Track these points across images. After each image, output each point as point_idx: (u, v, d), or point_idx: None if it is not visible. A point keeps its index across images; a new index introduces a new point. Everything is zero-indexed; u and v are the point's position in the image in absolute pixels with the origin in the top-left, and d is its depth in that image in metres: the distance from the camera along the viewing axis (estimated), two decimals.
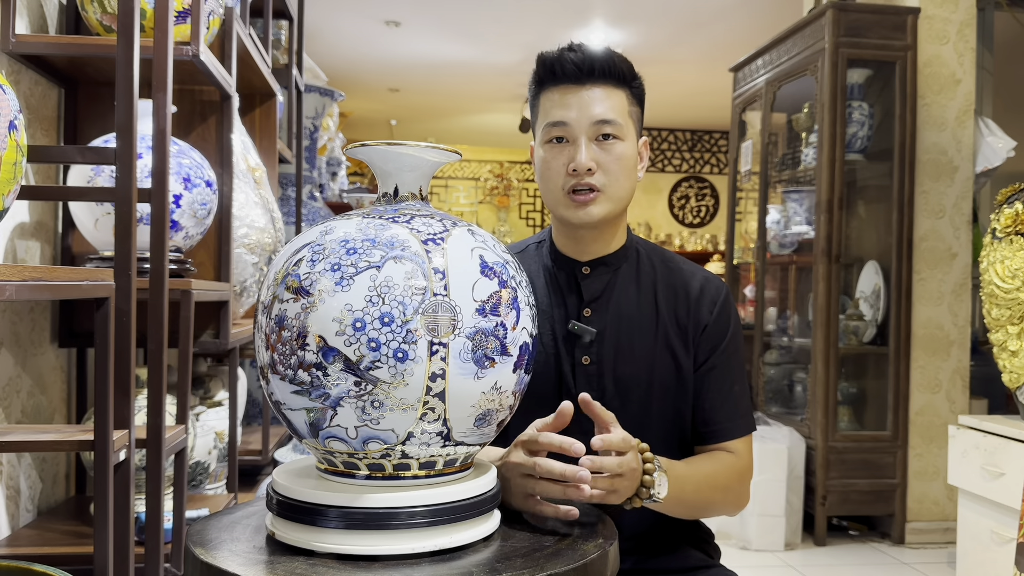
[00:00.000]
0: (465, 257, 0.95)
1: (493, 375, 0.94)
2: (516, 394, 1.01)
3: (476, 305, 0.93)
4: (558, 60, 1.28)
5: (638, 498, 1.13)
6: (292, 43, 3.13)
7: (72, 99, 1.92)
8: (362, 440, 0.93)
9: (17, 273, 1.05)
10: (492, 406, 0.97)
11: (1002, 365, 2.37)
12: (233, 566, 0.91)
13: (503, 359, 0.95)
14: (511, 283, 0.98)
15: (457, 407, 0.93)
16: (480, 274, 0.95)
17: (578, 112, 1.26)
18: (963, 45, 3.52)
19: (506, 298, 0.96)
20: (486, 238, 1.01)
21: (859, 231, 3.80)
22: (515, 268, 1.01)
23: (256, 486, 2.39)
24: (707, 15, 5.39)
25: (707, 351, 1.33)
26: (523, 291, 1.00)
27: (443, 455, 0.97)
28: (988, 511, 2.50)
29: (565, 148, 1.28)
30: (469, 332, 0.92)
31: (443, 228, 0.98)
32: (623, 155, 1.28)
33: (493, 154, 10.06)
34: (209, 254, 2.00)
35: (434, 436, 0.94)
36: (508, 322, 0.95)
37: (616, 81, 1.29)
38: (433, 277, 0.91)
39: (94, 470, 1.31)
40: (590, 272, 1.34)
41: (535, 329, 1.02)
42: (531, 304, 1.01)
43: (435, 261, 0.93)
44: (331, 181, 4.35)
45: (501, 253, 1.01)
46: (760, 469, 3.24)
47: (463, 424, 0.95)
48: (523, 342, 0.98)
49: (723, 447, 1.33)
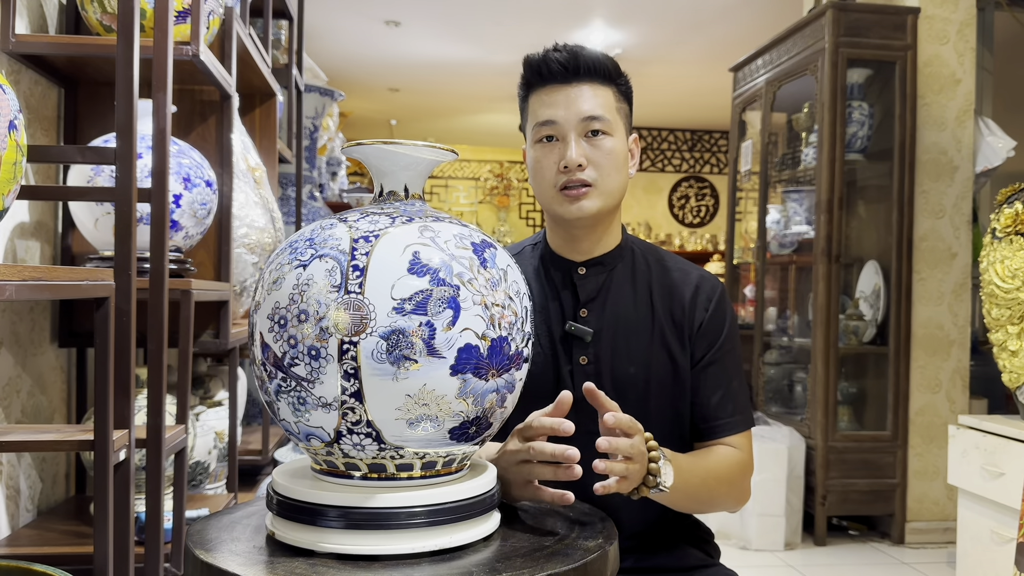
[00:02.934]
0: (393, 254, 0.91)
1: (419, 377, 0.89)
2: (474, 398, 0.94)
3: (394, 304, 0.89)
4: (543, 61, 1.30)
5: (645, 486, 1.12)
6: (292, 43, 3.13)
7: (72, 99, 1.92)
8: (304, 436, 0.96)
9: (17, 273, 1.05)
10: (431, 412, 0.92)
11: (1002, 365, 2.37)
12: (233, 566, 0.91)
13: (430, 360, 0.89)
14: (452, 281, 0.92)
15: (378, 409, 0.90)
16: (407, 272, 0.90)
17: (566, 110, 1.28)
18: (963, 45, 3.52)
19: (437, 297, 0.90)
20: (447, 234, 0.96)
21: (859, 231, 3.80)
22: (472, 267, 0.94)
23: (256, 486, 2.39)
24: (707, 15, 5.39)
25: (704, 348, 1.33)
26: (474, 291, 0.93)
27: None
28: (988, 511, 2.50)
29: (555, 146, 1.29)
30: (383, 331, 0.89)
31: (387, 225, 0.95)
32: (613, 150, 1.29)
33: (493, 154, 10.06)
34: (209, 254, 2.00)
35: (364, 437, 0.92)
36: (439, 322, 0.90)
37: (602, 78, 1.30)
38: (351, 275, 0.90)
39: (94, 470, 1.31)
40: (586, 272, 1.34)
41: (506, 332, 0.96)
42: (495, 305, 0.95)
43: (357, 259, 0.91)
44: (331, 181, 4.35)
45: (455, 250, 0.94)
46: (760, 469, 3.24)
47: (393, 428, 0.92)
48: (466, 344, 0.91)
49: (723, 443, 1.33)
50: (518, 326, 0.98)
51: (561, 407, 1.10)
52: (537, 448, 1.07)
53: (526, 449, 1.08)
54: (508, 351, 0.96)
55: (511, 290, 0.98)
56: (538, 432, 1.09)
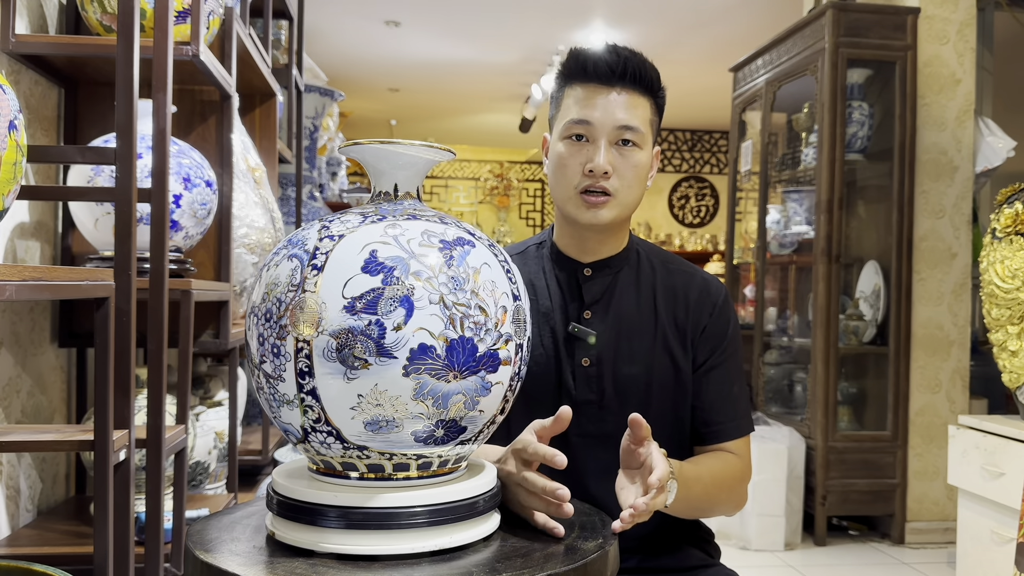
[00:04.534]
0: (351, 253, 0.91)
1: (370, 377, 0.88)
2: (435, 401, 0.91)
3: (344, 302, 0.88)
4: (591, 58, 1.27)
5: None
6: (292, 43, 3.13)
7: (72, 99, 1.92)
8: (286, 432, 0.98)
9: (17, 273, 1.05)
10: (387, 413, 0.90)
11: (1002, 365, 2.37)
12: (233, 566, 0.91)
13: (381, 361, 0.88)
14: (406, 279, 0.89)
15: (334, 409, 0.90)
16: (360, 270, 0.89)
17: (602, 113, 1.26)
18: (963, 45, 3.52)
19: (388, 296, 0.88)
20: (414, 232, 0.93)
21: (859, 231, 3.80)
22: (434, 265, 0.91)
23: (256, 486, 2.39)
24: (707, 15, 5.39)
25: (706, 352, 1.33)
26: (432, 289, 0.90)
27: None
28: (988, 511, 2.50)
29: (584, 147, 1.27)
30: (333, 330, 0.88)
31: (357, 224, 0.94)
32: (639, 163, 1.28)
33: (493, 154, 10.06)
34: (209, 254, 2.00)
35: (327, 436, 0.93)
36: (389, 322, 0.88)
37: (644, 89, 1.28)
38: (309, 274, 0.91)
39: (94, 470, 1.31)
40: (591, 274, 1.34)
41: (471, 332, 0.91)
42: (457, 304, 0.91)
43: (317, 258, 0.92)
44: (331, 181, 4.35)
45: (418, 248, 0.92)
46: (760, 469, 3.24)
47: (351, 427, 0.91)
48: (419, 344, 0.88)
49: (722, 447, 1.33)
50: (489, 326, 0.93)
51: (560, 423, 1.08)
52: (530, 480, 1.05)
53: (520, 476, 1.06)
54: (476, 352, 0.92)
55: (482, 289, 0.94)
56: (532, 458, 1.07)
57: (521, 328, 0.99)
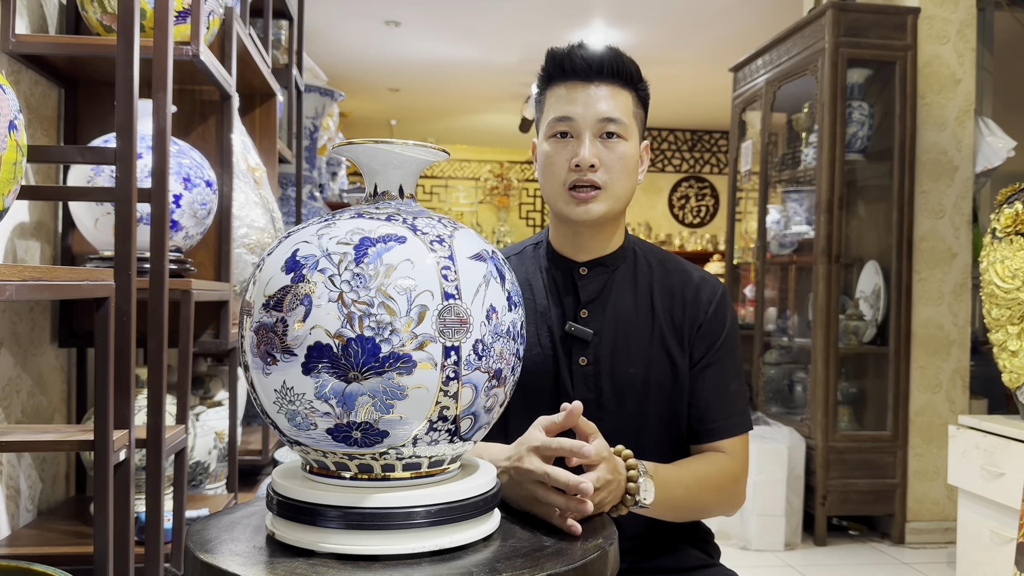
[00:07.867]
0: (282, 252, 0.94)
1: (279, 374, 0.90)
2: (338, 400, 0.89)
3: (263, 300, 0.92)
4: (567, 56, 1.29)
5: (623, 505, 1.12)
6: (292, 43, 3.13)
7: (72, 99, 1.92)
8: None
9: (17, 273, 1.05)
10: (300, 409, 0.90)
11: (1002, 365, 2.37)
12: (233, 566, 0.91)
13: (285, 358, 0.89)
14: (311, 277, 0.89)
15: (265, 403, 0.94)
16: (279, 269, 0.92)
17: (584, 108, 1.27)
18: (963, 45, 3.52)
19: (293, 293, 0.89)
20: (341, 230, 0.92)
21: (859, 231, 3.80)
22: (341, 262, 0.89)
23: (256, 486, 2.39)
24: (707, 15, 5.39)
25: (703, 349, 1.33)
26: (333, 287, 0.88)
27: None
28: (988, 511, 2.50)
29: (569, 143, 1.28)
30: (255, 326, 0.92)
31: (307, 225, 0.97)
32: (625, 154, 1.28)
33: (493, 154, 10.06)
34: (209, 254, 2.00)
35: (272, 428, 0.97)
36: (291, 319, 0.89)
37: (623, 81, 1.29)
38: (255, 274, 0.96)
39: (94, 470, 1.31)
40: (587, 273, 1.34)
41: (372, 331, 0.87)
42: (357, 302, 0.87)
43: (264, 259, 0.97)
44: (331, 181, 4.35)
45: (334, 245, 0.90)
46: (760, 469, 3.25)
47: (280, 422, 0.94)
48: (316, 342, 0.87)
49: (718, 446, 1.32)
50: (397, 326, 0.88)
51: (571, 418, 1.08)
52: (553, 475, 1.04)
53: (543, 473, 1.05)
54: (379, 352, 0.87)
55: (393, 287, 0.88)
56: (556, 454, 1.07)
57: (451, 330, 0.90)
